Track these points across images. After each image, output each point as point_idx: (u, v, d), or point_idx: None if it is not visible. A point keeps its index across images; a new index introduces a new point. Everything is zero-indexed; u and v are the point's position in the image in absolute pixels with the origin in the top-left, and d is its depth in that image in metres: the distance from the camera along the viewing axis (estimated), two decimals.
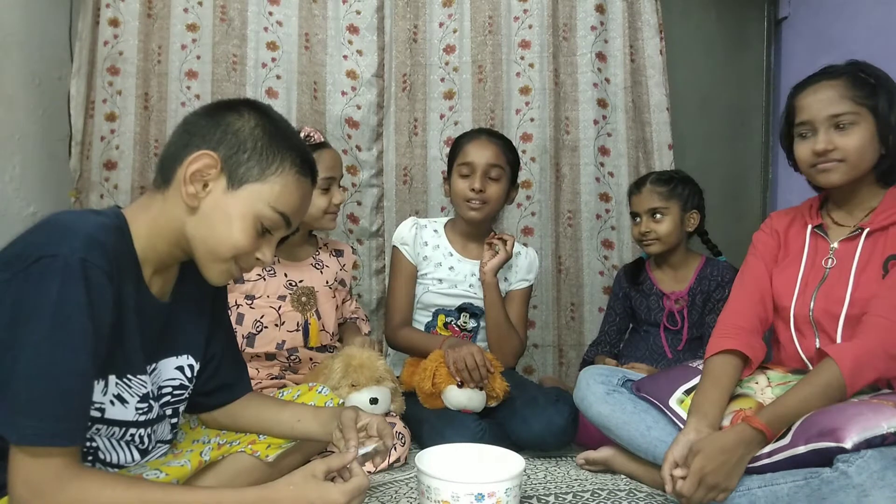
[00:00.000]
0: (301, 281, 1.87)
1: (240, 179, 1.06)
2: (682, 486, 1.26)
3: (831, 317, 1.43)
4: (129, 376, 1.07)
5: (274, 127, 1.09)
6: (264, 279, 1.84)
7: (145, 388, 1.10)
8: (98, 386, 1.02)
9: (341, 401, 1.49)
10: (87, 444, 1.07)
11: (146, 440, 1.15)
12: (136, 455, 1.14)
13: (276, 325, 1.82)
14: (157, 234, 1.08)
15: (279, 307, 1.82)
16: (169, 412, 1.20)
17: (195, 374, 1.23)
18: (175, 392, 1.20)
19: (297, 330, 1.84)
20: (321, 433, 1.27)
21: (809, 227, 1.53)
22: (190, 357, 1.22)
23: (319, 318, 1.88)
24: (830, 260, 1.48)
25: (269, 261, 1.12)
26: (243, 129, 1.07)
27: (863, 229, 1.44)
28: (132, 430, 1.11)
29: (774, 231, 1.60)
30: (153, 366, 1.15)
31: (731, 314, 1.54)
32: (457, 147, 2.04)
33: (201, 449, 1.28)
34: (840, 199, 1.52)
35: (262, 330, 1.81)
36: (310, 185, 1.14)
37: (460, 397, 1.78)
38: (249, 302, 1.81)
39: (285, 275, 1.86)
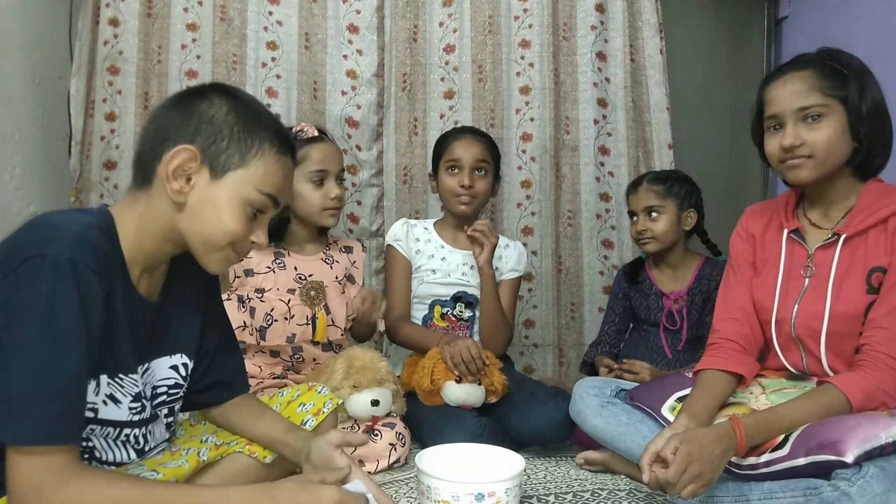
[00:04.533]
0: (310, 275, 1.87)
1: (222, 168, 1.05)
2: (667, 473, 1.20)
3: (813, 333, 1.39)
4: (120, 375, 1.07)
5: (246, 109, 1.08)
6: (274, 272, 1.84)
7: (137, 387, 1.10)
8: (90, 386, 1.01)
9: (340, 401, 1.49)
10: (84, 443, 1.07)
11: (141, 440, 1.14)
12: (133, 454, 1.14)
13: (286, 319, 1.81)
14: (144, 232, 1.08)
15: (288, 300, 1.82)
16: (164, 412, 1.20)
17: (189, 373, 1.23)
18: (170, 391, 1.20)
19: (307, 324, 1.83)
20: (291, 454, 1.26)
21: (786, 231, 1.47)
22: (184, 356, 1.21)
23: (328, 312, 1.87)
24: (809, 268, 1.42)
25: (265, 243, 1.12)
26: (217, 117, 1.05)
27: (839, 235, 1.38)
28: (127, 430, 1.11)
29: (750, 235, 1.55)
30: (146, 366, 1.14)
31: (722, 331, 1.51)
32: (442, 145, 2.11)
33: (199, 449, 1.28)
34: (815, 196, 1.46)
35: (272, 323, 1.80)
36: (290, 163, 1.14)
37: (459, 392, 1.79)
38: (259, 295, 1.81)
39: (295, 268, 1.87)
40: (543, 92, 2.48)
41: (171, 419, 1.23)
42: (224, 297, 1.73)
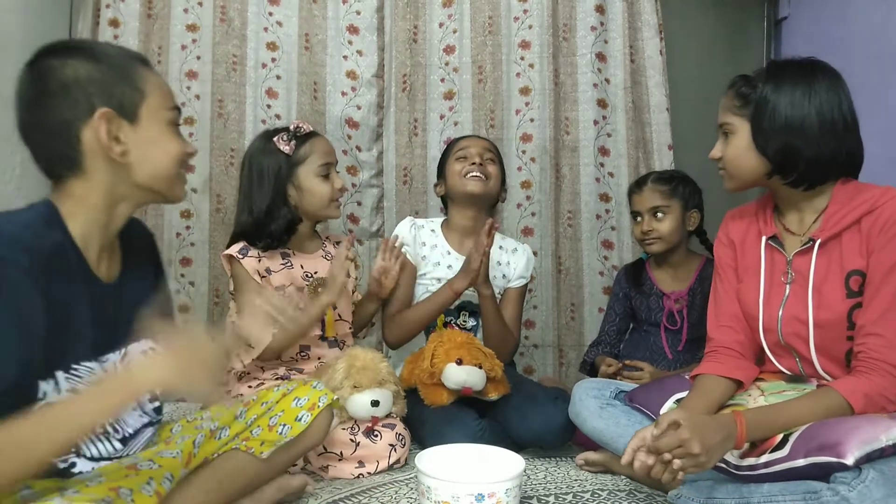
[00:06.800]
0: (315, 272, 1.89)
1: (133, 109, 1.09)
2: (662, 441, 1.19)
3: (801, 339, 1.40)
4: (74, 367, 1.06)
5: (97, 50, 1.10)
6: (286, 269, 1.85)
7: (94, 373, 1.10)
8: (49, 386, 1.01)
9: (335, 396, 1.49)
10: None
11: (119, 429, 1.14)
12: (117, 444, 1.15)
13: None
14: (94, 210, 1.09)
15: (300, 297, 1.84)
16: (147, 396, 1.21)
17: None
18: None
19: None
20: None
21: (764, 238, 1.48)
22: (150, 341, 1.20)
23: (335, 307, 1.89)
24: (788, 275, 1.43)
25: (193, 147, 1.20)
26: (90, 72, 1.06)
27: (814, 240, 1.39)
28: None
29: (731, 241, 1.56)
30: (123, 351, 1.14)
31: (718, 339, 1.51)
32: (450, 147, 2.13)
33: (194, 437, 1.29)
34: (780, 203, 1.48)
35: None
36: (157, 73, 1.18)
37: (460, 374, 1.77)
38: (281, 293, 1.81)
39: (301, 266, 1.88)
40: (543, 93, 2.48)
41: (155, 404, 1.23)
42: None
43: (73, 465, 1.09)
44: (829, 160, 1.37)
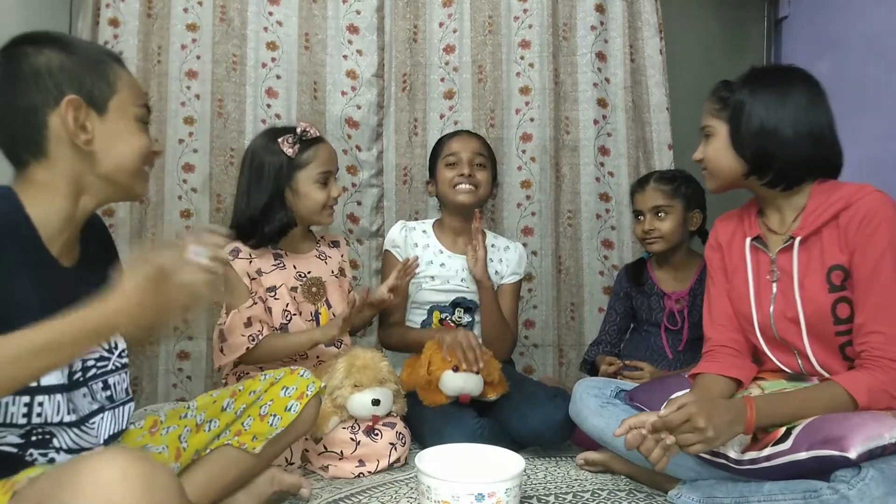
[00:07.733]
0: (309, 272, 1.90)
1: (102, 101, 1.11)
2: (671, 416, 1.23)
3: (794, 334, 1.42)
4: None
5: (71, 44, 1.12)
6: (278, 269, 1.85)
7: None
8: None
9: (323, 384, 1.49)
10: (41, 431, 1.06)
11: (71, 409, 1.10)
12: (90, 433, 1.12)
13: (299, 315, 1.84)
14: (58, 196, 1.09)
15: (293, 298, 1.85)
16: (100, 385, 1.18)
17: (114, 346, 1.21)
18: (98, 364, 1.18)
19: (311, 320, 1.87)
20: None
21: (748, 240, 1.51)
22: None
23: (329, 307, 1.90)
24: (773, 273, 1.46)
25: (159, 146, 1.20)
26: (63, 62, 1.08)
27: (794, 238, 1.42)
28: (70, 395, 1.09)
29: (718, 245, 1.60)
30: None
31: (715, 338, 1.53)
32: (439, 146, 2.16)
33: (179, 432, 1.29)
34: (762, 203, 1.52)
35: (291, 318, 1.82)
36: (129, 71, 1.19)
37: (457, 380, 1.78)
38: (272, 293, 1.82)
39: (294, 266, 1.88)
40: (543, 92, 2.48)
41: (108, 392, 1.19)
42: (248, 303, 1.74)
43: (52, 460, 1.07)
44: (804, 163, 1.41)
